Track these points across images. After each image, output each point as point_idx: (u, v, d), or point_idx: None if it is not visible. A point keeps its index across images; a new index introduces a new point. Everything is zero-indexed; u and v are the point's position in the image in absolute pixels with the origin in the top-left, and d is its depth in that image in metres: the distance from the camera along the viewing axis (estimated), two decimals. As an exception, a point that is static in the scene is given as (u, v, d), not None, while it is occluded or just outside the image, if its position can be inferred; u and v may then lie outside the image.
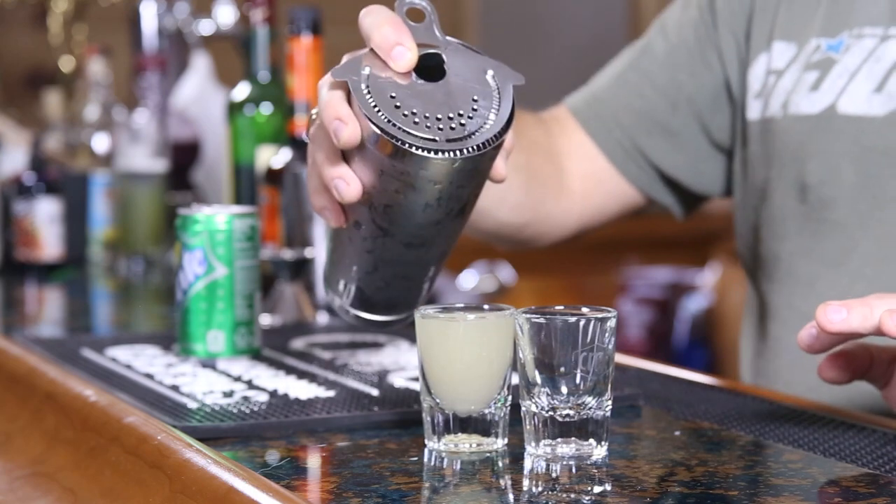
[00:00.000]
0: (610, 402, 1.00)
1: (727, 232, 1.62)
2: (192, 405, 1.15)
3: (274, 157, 1.72)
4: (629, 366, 1.36)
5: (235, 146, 1.88)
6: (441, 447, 1.02)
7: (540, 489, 0.94)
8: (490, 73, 1.04)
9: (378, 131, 0.99)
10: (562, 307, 1.02)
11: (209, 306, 1.31)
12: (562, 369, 0.99)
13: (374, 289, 1.12)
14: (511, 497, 0.94)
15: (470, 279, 3.44)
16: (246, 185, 1.87)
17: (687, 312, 3.90)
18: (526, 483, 0.97)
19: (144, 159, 2.20)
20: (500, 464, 1.00)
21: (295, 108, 1.69)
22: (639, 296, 4.02)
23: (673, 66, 1.45)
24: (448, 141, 1.00)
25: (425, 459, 1.01)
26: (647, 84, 1.46)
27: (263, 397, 1.17)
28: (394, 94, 1.01)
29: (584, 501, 0.90)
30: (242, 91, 1.90)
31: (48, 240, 2.13)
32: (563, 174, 1.46)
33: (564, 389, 0.99)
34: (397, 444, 1.05)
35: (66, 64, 3.38)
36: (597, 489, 0.93)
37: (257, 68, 1.89)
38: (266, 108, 1.88)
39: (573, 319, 0.99)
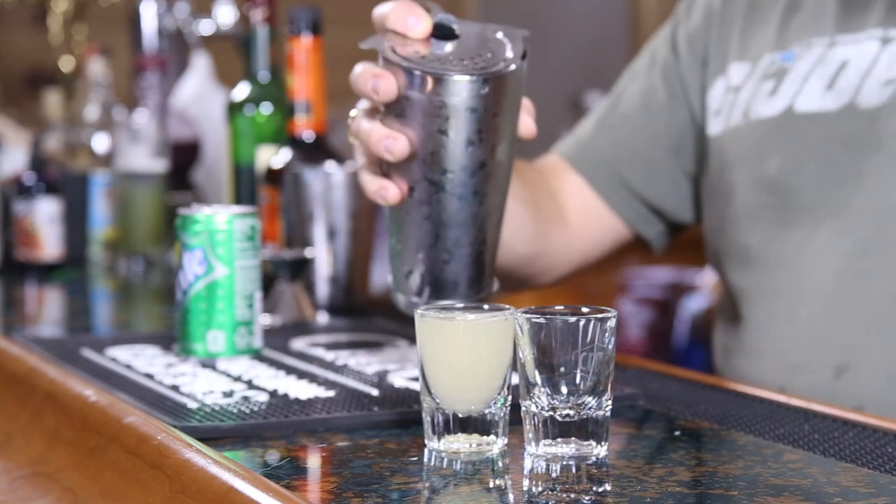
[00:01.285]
0: (610, 402, 1.00)
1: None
2: (192, 405, 1.15)
3: (274, 157, 1.72)
4: (629, 366, 1.36)
5: (235, 146, 1.88)
6: (441, 447, 1.02)
7: (540, 489, 0.94)
8: (498, 32, 1.17)
9: (414, 71, 1.11)
10: (562, 307, 1.02)
11: (209, 306, 1.31)
12: (562, 369, 0.99)
13: (440, 264, 1.17)
14: (511, 497, 0.94)
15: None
16: (246, 185, 1.87)
17: (687, 312, 3.90)
18: (526, 483, 0.97)
19: (144, 159, 2.20)
20: (500, 464, 1.00)
21: (295, 108, 1.70)
22: (639, 296, 4.02)
23: (646, 104, 1.59)
24: (475, 69, 1.12)
25: (425, 459, 1.01)
26: (624, 123, 1.60)
27: (263, 397, 1.17)
28: (419, 52, 1.13)
29: (584, 501, 0.90)
30: (242, 91, 1.90)
31: (48, 240, 2.13)
32: (562, 211, 1.58)
33: (564, 389, 0.99)
34: (397, 444, 1.05)
35: (66, 64, 3.38)
36: (597, 489, 0.93)
37: (257, 68, 1.89)
38: (266, 108, 1.88)
39: (573, 319, 0.99)
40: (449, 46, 1.14)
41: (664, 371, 1.35)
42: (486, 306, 1.05)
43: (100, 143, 2.39)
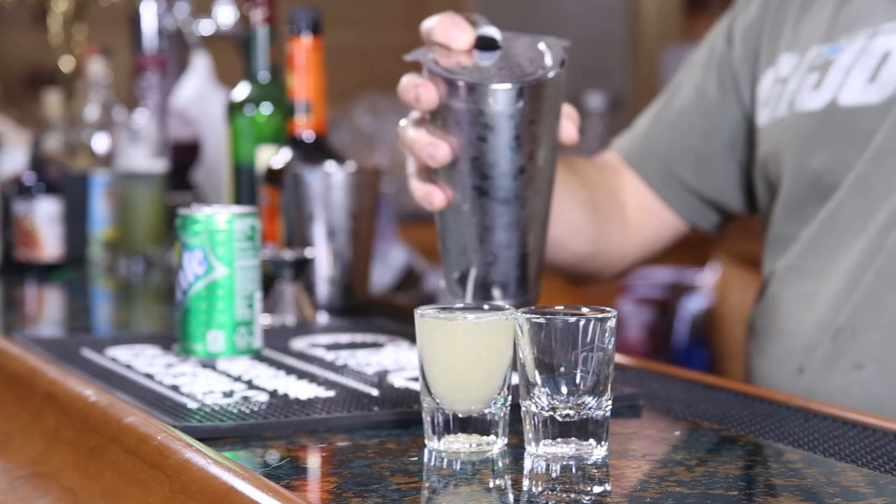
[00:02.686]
0: (610, 402, 1.00)
1: (727, 232, 1.68)
2: (192, 405, 1.15)
3: (274, 157, 1.72)
4: (629, 366, 1.36)
5: (235, 146, 1.88)
6: (441, 447, 1.02)
7: (540, 489, 0.94)
8: (541, 43, 1.22)
9: (454, 80, 1.17)
10: (562, 307, 1.02)
11: (209, 306, 1.31)
12: (562, 369, 0.99)
13: (486, 266, 1.22)
14: (511, 497, 0.94)
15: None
16: (246, 185, 1.87)
17: (687, 312, 3.90)
18: (526, 483, 0.97)
19: (144, 159, 2.20)
20: (500, 464, 1.00)
21: (295, 108, 1.70)
22: (639, 296, 4.02)
23: (699, 99, 1.60)
24: (513, 77, 1.18)
25: (425, 459, 1.01)
26: (677, 119, 1.61)
27: (263, 397, 1.17)
28: (462, 64, 1.19)
29: (584, 501, 0.90)
30: (242, 91, 1.90)
31: (48, 240, 2.13)
32: (622, 208, 1.62)
33: (564, 389, 0.99)
34: (397, 444, 1.05)
35: (66, 64, 3.38)
36: (597, 489, 0.93)
37: (257, 68, 1.89)
38: (266, 108, 1.88)
39: (573, 319, 0.99)
40: (491, 57, 1.20)
41: (664, 371, 1.35)
42: (486, 306, 1.05)
43: (100, 143, 2.39)
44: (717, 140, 1.59)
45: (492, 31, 1.22)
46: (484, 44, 1.21)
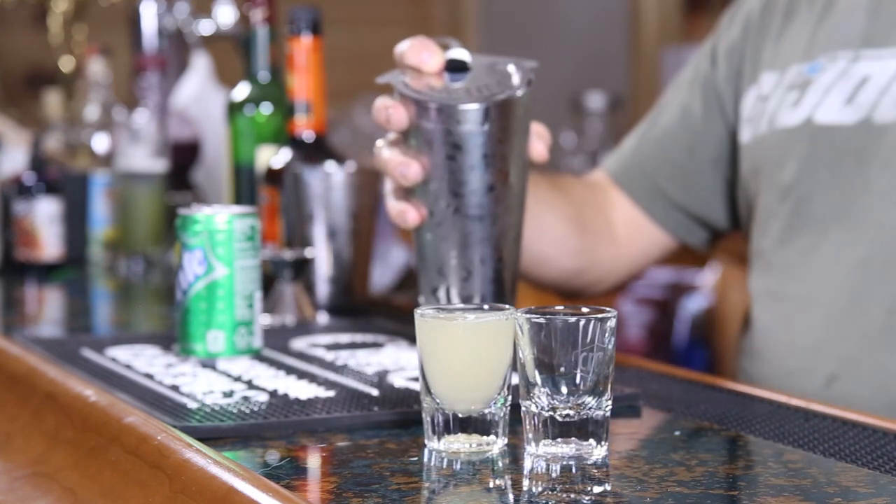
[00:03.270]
0: (610, 402, 1.00)
1: (727, 232, 1.69)
2: (192, 405, 1.15)
3: (274, 157, 1.72)
4: (629, 366, 1.36)
5: (235, 146, 1.88)
6: (441, 447, 1.02)
7: (540, 489, 0.94)
8: (510, 65, 1.25)
9: (421, 100, 1.20)
10: (562, 307, 1.02)
11: (209, 306, 1.31)
12: (562, 369, 0.99)
13: (461, 282, 1.25)
14: (511, 497, 0.94)
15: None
16: (246, 185, 1.87)
17: (687, 312, 3.90)
18: (526, 483, 0.97)
19: (144, 159, 2.20)
20: (500, 464, 1.00)
21: (295, 108, 1.70)
22: (639, 296, 4.01)
23: (683, 116, 1.63)
24: (480, 97, 1.21)
25: (425, 459, 1.01)
26: (662, 136, 1.65)
27: (263, 397, 1.17)
28: (432, 86, 1.23)
29: (584, 501, 0.90)
30: (242, 91, 1.90)
31: (48, 240, 2.13)
32: (610, 225, 1.64)
33: (564, 389, 0.99)
34: (397, 444, 1.05)
35: (66, 64, 3.38)
36: (597, 489, 0.93)
37: (257, 68, 1.89)
38: (266, 108, 1.88)
39: (573, 319, 0.99)
40: (460, 79, 1.24)
41: (664, 371, 1.35)
42: (486, 306, 1.05)
43: (100, 143, 2.39)
44: (701, 156, 1.62)
45: (461, 54, 1.25)
46: (454, 66, 1.25)
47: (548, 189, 1.56)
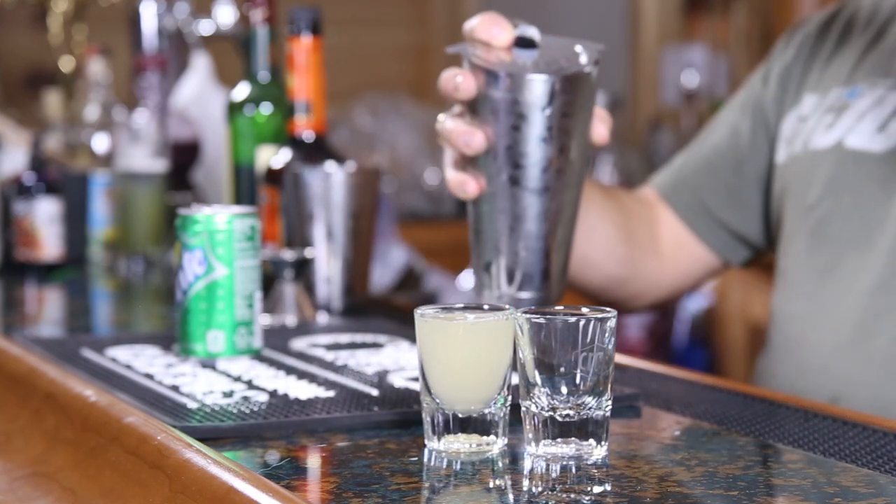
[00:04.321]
0: (610, 402, 1.00)
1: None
2: (192, 405, 1.15)
3: (274, 157, 1.72)
4: (629, 366, 1.36)
5: (235, 146, 1.88)
6: (441, 447, 1.02)
7: (540, 489, 0.94)
8: (577, 45, 1.27)
9: (492, 70, 1.22)
10: (562, 307, 1.02)
11: (209, 306, 1.31)
12: (562, 369, 0.99)
13: (513, 256, 1.26)
14: (511, 497, 0.94)
15: (470, 279, 3.45)
16: (246, 185, 1.87)
17: (687, 312, 3.90)
18: (526, 483, 0.97)
19: (144, 159, 2.20)
20: (500, 464, 1.00)
21: (295, 108, 1.70)
22: (639, 296, 4.01)
23: (732, 134, 1.64)
24: (549, 70, 1.23)
25: (425, 459, 1.01)
26: (713, 152, 1.65)
27: (263, 397, 1.17)
28: (500, 58, 1.24)
29: (584, 501, 0.90)
30: (242, 91, 1.90)
31: (48, 240, 2.13)
32: (656, 240, 1.65)
33: (564, 389, 0.99)
34: (397, 444, 1.05)
35: (66, 64, 3.38)
36: (597, 489, 0.93)
37: (257, 68, 1.89)
38: (266, 108, 1.88)
39: (573, 319, 0.99)
40: (529, 55, 1.25)
41: (664, 371, 1.35)
42: (486, 306, 1.05)
43: (100, 143, 2.39)
44: (747, 175, 1.62)
45: (531, 31, 1.27)
46: (523, 43, 1.26)
47: (600, 194, 1.57)
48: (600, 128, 1.29)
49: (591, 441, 1.00)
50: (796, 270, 1.50)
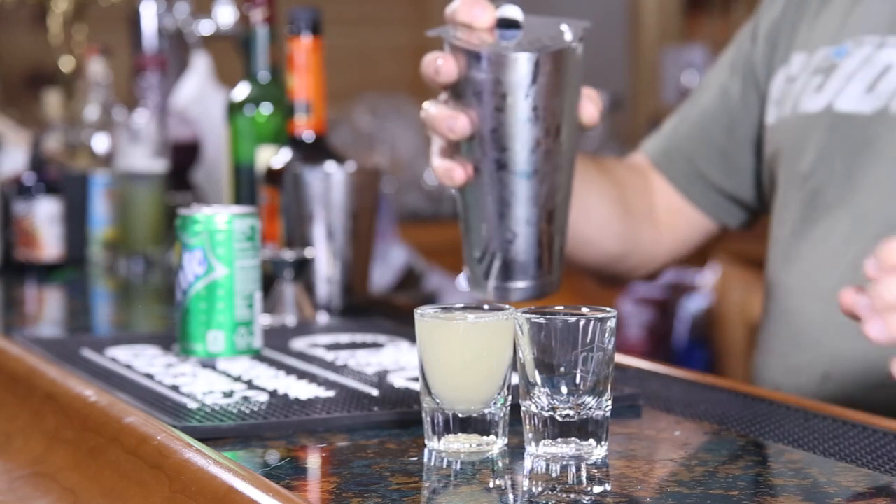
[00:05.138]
0: (610, 402, 1.00)
1: (727, 232, 1.67)
2: (192, 405, 1.15)
3: (274, 157, 1.72)
4: (629, 366, 1.36)
5: (235, 146, 1.88)
6: (441, 447, 1.02)
7: (540, 489, 0.94)
8: (563, 24, 1.23)
9: (472, 51, 1.19)
10: (562, 307, 1.02)
11: (209, 306, 1.31)
12: (562, 369, 0.99)
13: (506, 244, 1.23)
14: (511, 497, 0.94)
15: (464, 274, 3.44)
16: (246, 185, 1.87)
17: (687, 312, 3.90)
18: (526, 483, 0.97)
19: (144, 159, 2.20)
20: (500, 464, 1.00)
21: (295, 108, 1.70)
22: (639, 296, 4.02)
23: (722, 96, 1.60)
24: (531, 48, 1.19)
25: (425, 459, 1.01)
26: (703, 116, 1.61)
27: (263, 397, 1.17)
28: (482, 39, 1.21)
29: (584, 501, 0.90)
30: (242, 91, 1.90)
31: (48, 240, 2.13)
32: (652, 209, 1.61)
33: (564, 389, 0.99)
34: (397, 444, 1.05)
35: (66, 64, 3.38)
36: (597, 489, 0.93)
37: (257, 68, 1.89)
38: (266, 108, 1.88)
39: (573, 319, 0.99)
40: (513, 36, 1.22)
41: (664, 371, 1.35)
42: (486, 306, 1.05)
43: (100, 143, 2.39)
44: (739, 137, 1.59)
45: (513, 11, 1.23)
46: (505, 24, 1.23)
47: (594, 170, 1.54)
48: (589, 107, 1.26)
49: (591, 441, 1.00)
50: (790, 240, 1.47)
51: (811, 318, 1.42)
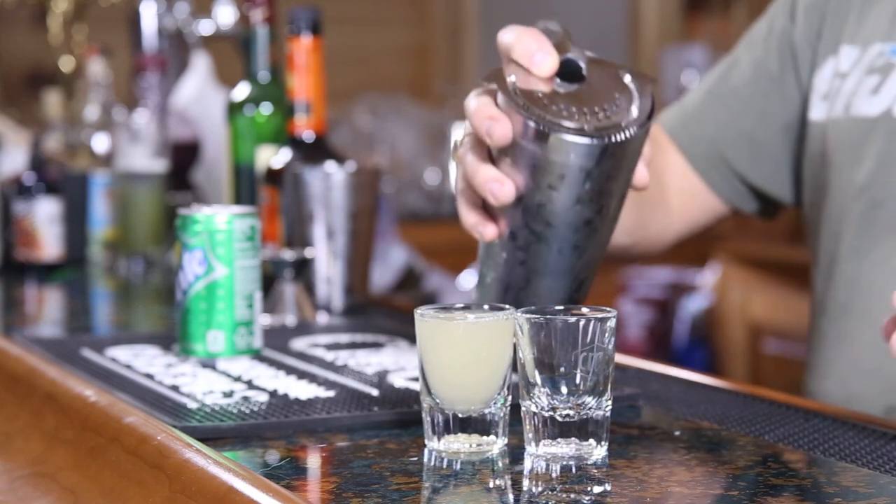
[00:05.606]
0: (610, 402, 1.00)
1: (727, 232, 1.67)
2: (192, 405, 1.15)
3: (274, 157, 1.72)
4: (629, 366, 1.36)
5: (235, 146, 1.88)
6: (441, 447, 1.02)
7: (540, 489, 0.94)
8: (627, 76, 1.11)
9: (531, 122, 1.05)
10: (562, 307, 1.02)
11: (209, 306, 1.31)
12: (562, 369, 0.99)
13: (527, 306, 1.11)
14: (511, 497, 0.94)
15: (470, 279, 3.45)
16: (246, 185, 1.87)
17: (687, 312, 3.90)
18: (526, 483, 0.97)
19: (144, 159, 2.20)
20: (500, 464, 1.00)
21: (295, 108, 1.70)
22: (639, 296, 4.02)
23: (757, 76, 1.48)
24: (597, 129, 1.06)
25: (425, 459, 1.01)
26: (733, 97, 1.49)
27: (263, 397, 1.17)
28: (540, 95, 1.07)
29: (584, 501, 0.90)
30: (242, 91, 1.90)
31: (48, 240, 2.13)
32: (664, 191, 1.51)
33: (564, 389, 0.99)
34: (397, 444, 1.05)
35: (66, 64, 3.38)
36: (597, 489, 0.93)
37: (257, 68, 1.89)
38: (266, 108, 1.88)
39: (573, 319, 0.99)
40: (572, 89, 1.09)
41: (664, 371, 1.35)
42: (486, 306, 1.05)
43: (100, 143, 2.39)
44: (773, 123, 1.47)
45: (576, 56, 1.11)
46: (567, 69, 1.10)
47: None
48: (641, 170, 1.14)
49: (591, 441, 1.00)
50: (848, 257, 1.36)
51: (874, 344, 1.29)
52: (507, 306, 1.04)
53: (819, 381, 1.39)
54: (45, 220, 2.13)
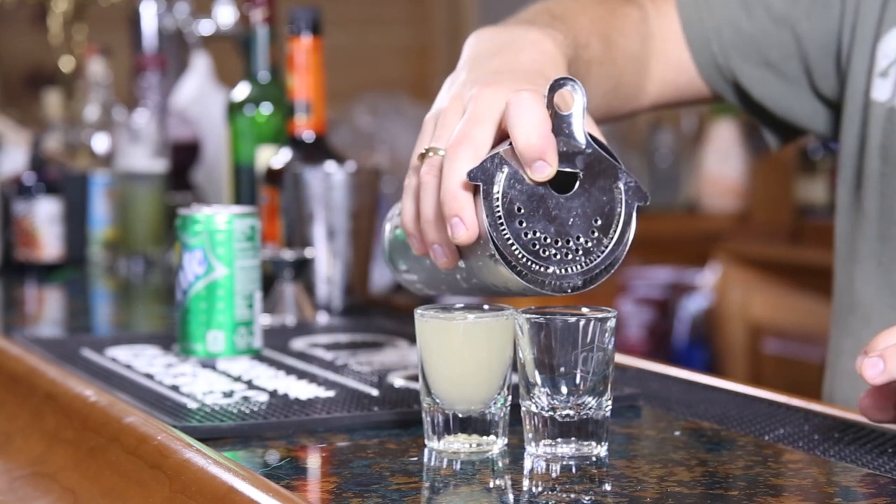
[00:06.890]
0: (610, 402, 1.00)
1: (727, 232, 1.65)
2: (192, 405, 1.15)
3: (274, 157, 1.72)
4: (629, 366, 1.36)
5: (235, 146, 1.88)
6: (441, 447, 1.02)
7: (540, 489, 0.94)
8: (620, 187, 1.02)
9: (494, 251, 1.00)
10: (562, 307, 1.02)
11: (209, 306, 1.31)
12: (562, 369, 0.99)
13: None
14: (511, 497, 0.94)
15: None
16: (246, 185, 1.87)
17: (687, 312, 3.90)
18: (526, 483, 0.97)
19: (144, 159, 2.20)
20: (500, 464, 1.00)
21: (295, 108, 1.70)
22: (639, 296, 4.01)
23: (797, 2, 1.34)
24: (556, 274, 1.01)
25: (425, 459, 1.01)
26: (761, 7, 1.35)
27: (263, 397, 1.17)
28: (521, 209, 1.00)
29: (584, 501, 0.90)
30: (242, 91, 1.90)
31: (48, 240, 2.13)
32: (645, 76, 1.37)
33: (564, 389, 0.99)
34: (397, 444, 1.05)
35: (66, 64, 3.38)
36: (597, 489, 0.93)
37: (257, 68, 1.89)
38: (266, 108, 1.88)
39: (573, 319, 0.99)
40: (559, 203, 1.01)
41: (664, 371, 1.35)
42: (486, 306, 1.05)
43: (100, 143, 2.39)
44: (792, 51, 1.34)
45: (573, 166, 1.02)
46: (563, 176, 1.02)
47: (600, 53, 1.29)
48: None
49: (591, 441, 1.00)
50: None
51: None
52: (507, 306, 1.04)
53: (846, 382, 1.31)
54: (45, 220, 2.13)
